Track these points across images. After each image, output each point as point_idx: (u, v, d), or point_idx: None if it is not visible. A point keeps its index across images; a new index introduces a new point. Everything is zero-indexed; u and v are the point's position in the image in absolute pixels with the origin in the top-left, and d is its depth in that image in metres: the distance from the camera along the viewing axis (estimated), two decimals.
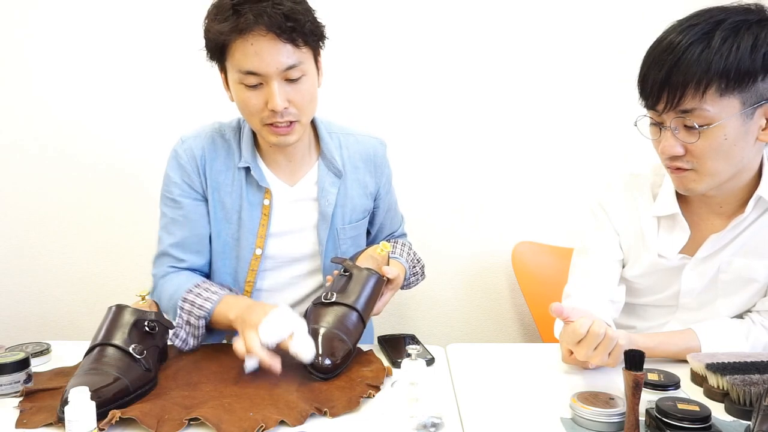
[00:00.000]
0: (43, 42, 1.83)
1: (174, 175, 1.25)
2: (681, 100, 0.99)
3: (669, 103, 1.00)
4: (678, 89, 0.99)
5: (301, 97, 1.15)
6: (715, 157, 1.02)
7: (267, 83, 1.12)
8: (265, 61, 1.09)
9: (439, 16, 1.86)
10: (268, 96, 1.12)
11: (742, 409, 0.91)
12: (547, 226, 1.95)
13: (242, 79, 1.12)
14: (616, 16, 1.87)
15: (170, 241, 1.25)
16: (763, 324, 1.14)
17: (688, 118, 1.00)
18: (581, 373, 1.08)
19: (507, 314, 2.03)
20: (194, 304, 1.16)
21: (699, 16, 1.01)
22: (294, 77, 1.13)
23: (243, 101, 1.15)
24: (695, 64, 0.97)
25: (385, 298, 1.23)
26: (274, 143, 1.20)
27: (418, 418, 0.87)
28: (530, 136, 1.93)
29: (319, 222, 1.30)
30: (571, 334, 0.97)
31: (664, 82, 1.00)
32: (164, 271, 1.25)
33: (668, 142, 1.03)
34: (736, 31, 0.97)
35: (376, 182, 1.38)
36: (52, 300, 1.96)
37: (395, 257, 1.38)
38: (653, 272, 1.21)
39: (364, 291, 1.15)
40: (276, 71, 1.10)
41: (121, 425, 0.88)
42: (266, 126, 1.16)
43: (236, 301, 1.17)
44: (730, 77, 0.96)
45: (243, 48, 1.09)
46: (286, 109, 1.13)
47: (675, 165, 1.06)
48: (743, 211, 1.11)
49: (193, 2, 1.77)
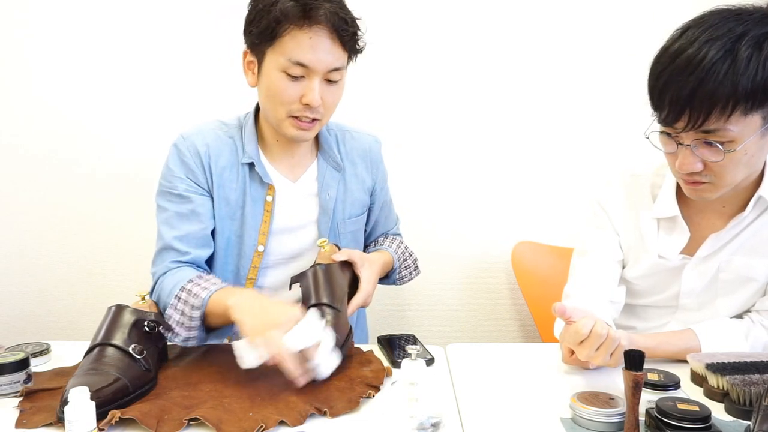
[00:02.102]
0: (43, 41, 1.83)
1: (177, 170, 1.23)
2: (705, 121, 0.95)
3: (691, 124, 0.96)
4: (702, 111, 0.94)
5: (333, 99, 1.20)
6: (733, 171, 1.01)
7: (309, 78, 1.15)
8: (318, 57, 1.13)
9: (439, 16, 1.86)
10: (306, 90, 1.15)
11: (742, 409, 0.91)
12: (547, 226, 1.95)
13: (287, 67, 1.13)
14: (616, 16, 1.87)
15: (174, 234, 1.22)
16: (763, 323, 1.14)
17: (710, 138, 0.97)
18: (581, 373, 1.08)
19: (507, 314, 2.03)
20: (191, 293, 1.12)
21: (716, 27, 0.95)
22: (334, 79, 1.18)
23: (280, 89, 1.16)
24: (721, 86, 0.92)
25: (366, 278, 1.21)
26: (292, 136, 1.21)
27: (418, 418, 0.87)
28: (530, 136, 1.93)
29: (320, 216, 1.31)
30: (573, 335, 0.97)
31: (686, 102, 0.95)
32: (165, 267, 1.21)
33: (687, 160, 1.01)
34: (759, 47, 0.93)
35: (372, 178, 1.40)
36: (52, 300, 1.96)
37: (383, 248, 1.40)
38: (653, 273, 1.21)
39: (318, 284, 1.14)
40: (324, 69, 1.14)
41: (120, 425, 0.88)
42: (291, 118, 1.18)
43: (239, 290, 1.14)
44: (757, 97, 0.93)
45: (300, 37, 1.11)
46: (317, 107, 1.16)
47: (692, 179, 1.04)
48: (743, 211, 1.11)
49: (194, 2, 1.77)
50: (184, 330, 1.12)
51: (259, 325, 0.99)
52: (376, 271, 1.28)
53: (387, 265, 1.36)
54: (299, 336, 0.97)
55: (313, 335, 0.99)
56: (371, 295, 1.23)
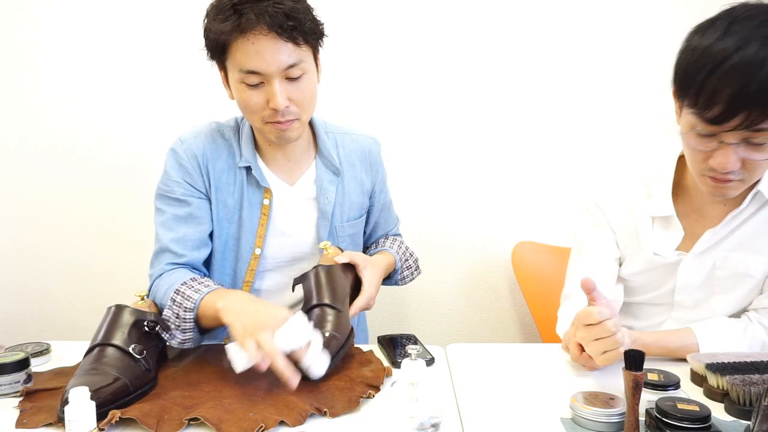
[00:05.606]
0: (46, 41, 1.83)
1: (175, 174, 1.24)
2: (761, 121, 0.93)
3: (747, 123, 0.94)
4: (758, 110, 0.92)
5: (301, 95, 1.15)
6: (765, 168, 1.01)
7: (268, 82, 1.11)
8: (266, 61, 1.09)
9: (437, 15, 1.86)
10: (269, 95, 1.12)
11: (742, 409, 0.91)
12: (547, 226, 1.96)
13: (243, 78, 1.12)
14: (615, 16, 1.86)
15: (170, 237, 1.23)
16: (761, 322, 1.14)
17: (758, 136, 0.96)
18: (581, 373, 1.08)
19: (507, 314, 2.03)
20: (184, 296, 1.12)
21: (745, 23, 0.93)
22: (295, 76, 1.13)
23: (244, 100, 1.15)
24: None
25: (368, 280, 1.21)
26: (275, 140, 1.20)
27: (418, 418, 0.87)
28: (530, 136, 1.93)
29: (319, 220, 1.31)
30: (586, 316, 0.98)
31: (745, 101, 0.92)
32: (161, 270, 1.22)
33: (729, 159, 0.99)
34: None
35: (372, 180, 1.39)
36: (52, 300, 1.96)
37: (385, 249, 1.40)
38: (649, 270, 1.21)
39: (320, 285, 1.15)
40: (277, 70, 1.10)
41: (120, 425, 0.88)
42: (267, 124, 1.17)
43: (229, 292, 1.12)
44: None
45: (244, 47, 1.09)
46: (287, 108, 1.14)
47: (726, 177, 1.03)
48: (740, 206, 1.11)
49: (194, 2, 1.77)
50: (180, 333, 1.12)
51: (249, 327, 0.99)
52: (378, 273, 1.28)
53: (389, 266, 1.36)
54: (288, 337, 0.97)
55: (302, 336, 0.99)
56: (374, 297, 1.22)
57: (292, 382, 0.95)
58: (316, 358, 0.99)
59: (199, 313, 1.11)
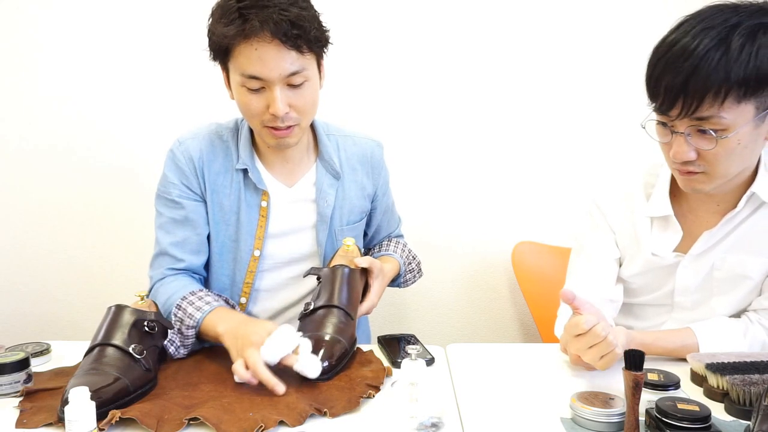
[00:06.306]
0: (46, 41, 1.83)
1: (172, 176, 1.24)
2: (698, 107, 0.97)
3: (685, 110, 0.98)
4: (695, 97, 0.96)
5: (302, 102, 1.15)
6: (727, 161, 1.02)
7: (269, 88, 1.11)
8: (269, 67, 1.09)
9: (438, 17, 1.86)
10: (270, 100, 1.12)
11: (742, 409, 0.91)
12: (547, 226, 1.96)
13: (245, 82, 1.11)
14: (615, 17, 1.87)
15: (169, 240, 1.24)
16: (761, 322, 1.14)
17: (704, 125, 0.98)
18: (581, 373, 1.08)
19: (507, 314, 2.03)
20: (186, 312, 1.14)
21: (711, 18, 0.98)
22: (296, 83, 1.12)
23: (244, 104, 1.15)
24: (714, 72, 0.94)
25: (375, 290, 1.24)
26: (274, 145, 1.20)
27: (418, 418, 0.87)
28: (530, 137, 1.93)
29: (318, 223, 1.30)
30: (574, 327, 0.98)
31: (680, 89, 0.97)
32: (161, 274, 1.23)
33: (681, 148, 1.02)
34: (753, 36, 0.95)
35: (374, 184, 1.38)
36: (52, 300, 1.96)
37: (389, 253, 1.40)
38: (648, 271, 1.21)
39: (338, 286, 1.15)
40: (279, 77, 1.10)
41: (121, 425, 0.88)
42: (266, 128, 1.16)
43: (228, 315, 1.13)
44: (750, 85, 0.94)
45: (247, 52, 1.08)
46: (287, 114, 1.13)
47: (686, 169, 1.05)
48: (736, 207, 1.11)
49: (195, 2, 1.77)
50: (183, 348, 1.15)
51: (239, 348, 1.03)
52: (385, 283, 1.30)
53: (394, 273, 1.36)
54: (273, 348, 1.00)
55: (288, 344, 1.01)
56: (375, 305, 1.24)
57: (277, 389, 0.97)
58: (307, 361, 1.00)
59: (201, 330, 1.14)
